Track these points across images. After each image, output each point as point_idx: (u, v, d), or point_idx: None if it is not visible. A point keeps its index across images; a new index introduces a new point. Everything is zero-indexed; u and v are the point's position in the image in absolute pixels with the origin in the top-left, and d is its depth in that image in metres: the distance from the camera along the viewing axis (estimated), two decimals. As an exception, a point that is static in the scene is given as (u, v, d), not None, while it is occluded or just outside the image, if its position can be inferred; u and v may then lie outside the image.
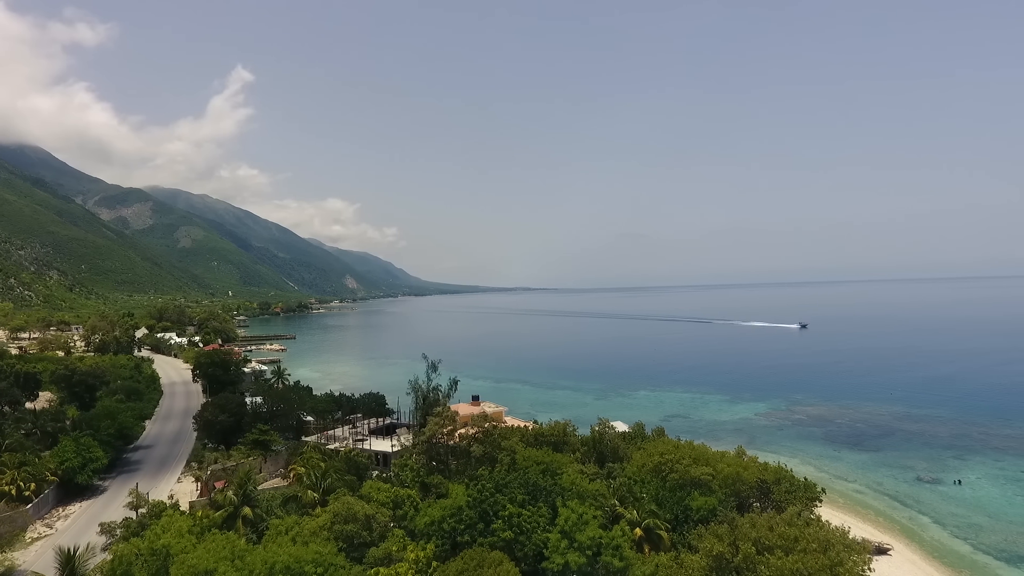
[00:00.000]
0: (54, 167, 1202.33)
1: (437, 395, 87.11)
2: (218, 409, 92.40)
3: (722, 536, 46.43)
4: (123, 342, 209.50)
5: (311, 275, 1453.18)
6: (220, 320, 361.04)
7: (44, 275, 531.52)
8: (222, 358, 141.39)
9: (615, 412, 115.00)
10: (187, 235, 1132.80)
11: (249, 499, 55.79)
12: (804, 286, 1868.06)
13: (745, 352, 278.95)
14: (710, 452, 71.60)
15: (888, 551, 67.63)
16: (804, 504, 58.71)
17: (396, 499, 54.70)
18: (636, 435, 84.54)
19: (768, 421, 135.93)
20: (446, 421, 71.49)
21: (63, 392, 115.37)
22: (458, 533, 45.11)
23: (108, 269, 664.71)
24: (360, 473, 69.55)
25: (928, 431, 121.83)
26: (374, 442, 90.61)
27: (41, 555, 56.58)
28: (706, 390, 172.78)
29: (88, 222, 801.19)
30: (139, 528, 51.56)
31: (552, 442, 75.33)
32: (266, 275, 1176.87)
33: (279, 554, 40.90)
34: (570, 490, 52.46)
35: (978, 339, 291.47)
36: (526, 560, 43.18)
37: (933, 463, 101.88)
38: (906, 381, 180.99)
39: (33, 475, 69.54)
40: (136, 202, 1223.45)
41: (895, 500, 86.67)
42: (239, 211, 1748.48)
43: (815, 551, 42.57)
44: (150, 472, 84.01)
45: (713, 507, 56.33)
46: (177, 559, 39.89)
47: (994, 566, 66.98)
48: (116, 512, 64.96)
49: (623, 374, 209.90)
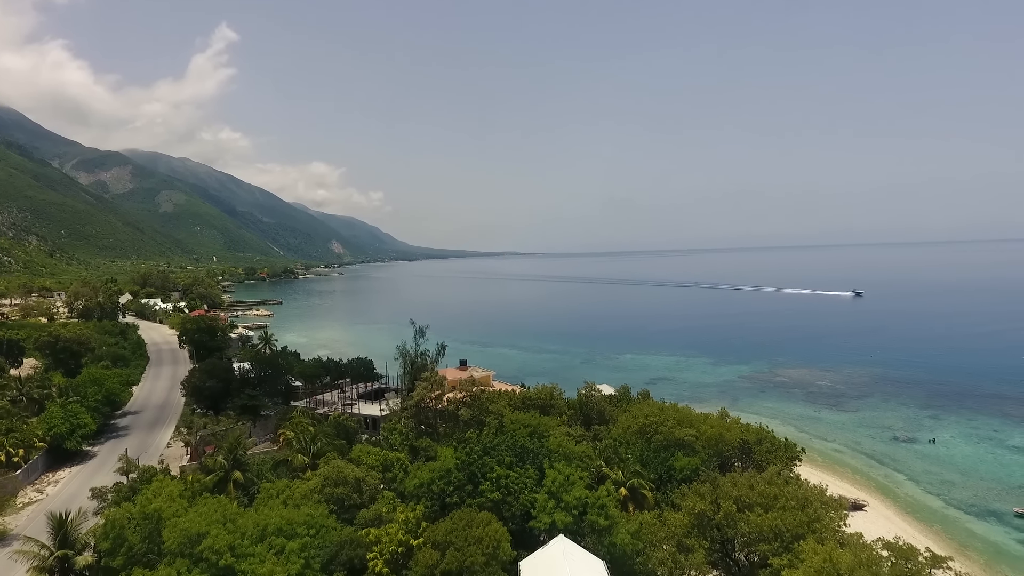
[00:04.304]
0: (28, 129, 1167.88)
1: (425, 360, 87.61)
2: (206, 375, 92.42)
3: (704, 495, 47.74)
4: (107, 308, 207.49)
5: (296, 240, 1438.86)
6: (205, 286, 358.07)
7: (23, 240, 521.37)
8: (208, 324, 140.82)
9: (601, 376, 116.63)
10: (169, 199, 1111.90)
11: (239, 463, 56.23)
12: (806, 250, 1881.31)
13: (733, 316, 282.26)
14: (694, 414, 73.03)
15: (864, 507, 69.97)
16: (784, 463, 60.37)
17: (385, 462, 55.40)
18: (622, 398, 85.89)
19: (751, 383, 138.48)
20: (434, 385, 72.06)
21: (47, 359, 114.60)
22: (447, 495, 45.90)
23: (89, 234, 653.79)
24: (349, 437, 70.18)
25: (906, 392, 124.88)
26: (363, 407, 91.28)
27: (33, 520, 56.97)
28: (691, 353, 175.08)
29: (66, 186, 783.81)
30: (130, 493, 51.89)
31: (539, 405, 76.41)
32: (251, 240, 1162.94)
33: (271, 516, 41.49)
34: (557, 452, 53.40)
35: (960, 302, 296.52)
36: (514, 520, 44.16)
37: (909, 423, 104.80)
38: (886, 344, 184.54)
39: (21, 441, 69.60)
40: (115, 166, 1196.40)
41: (872, 459, 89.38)
42: (221, 175, 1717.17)
43: (793, 508, 43.96)
44: (139, 437, 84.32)
45: (696, 467, 57.71)
46: (169, 523, 40.29)
47: (964, 520, 69.69)
48: (106, 477, 65.37)
49: (610, 338, 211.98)
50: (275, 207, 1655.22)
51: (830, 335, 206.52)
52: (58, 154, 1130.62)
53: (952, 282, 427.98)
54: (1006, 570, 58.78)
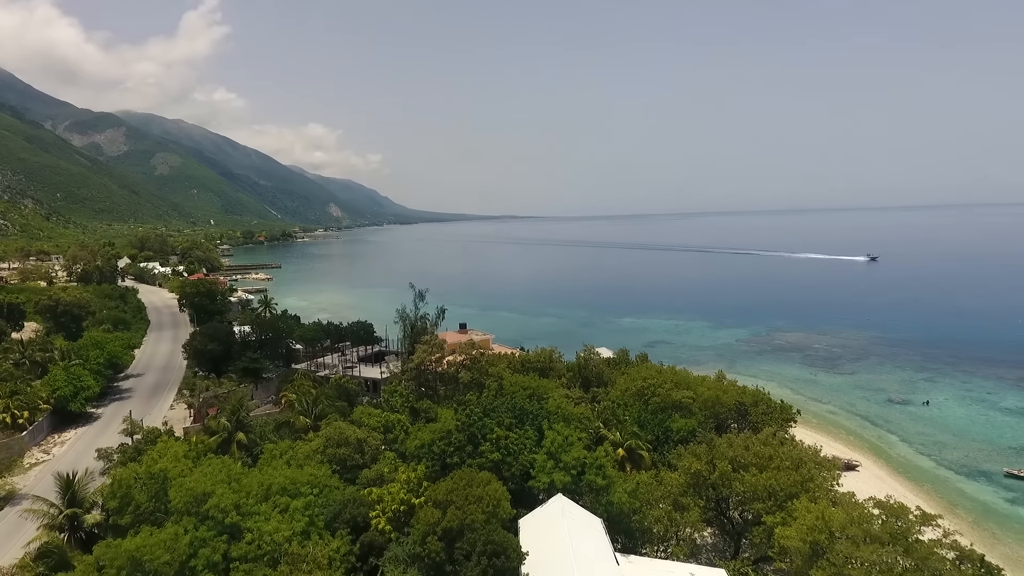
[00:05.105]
0: (19, 90, 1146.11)
1: (425, 323, 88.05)
2: (207, 338, 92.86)
3: (700, 455, 48.57)
4: (106, 272, 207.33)
5: (294, 203, 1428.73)
6: (203, 249, 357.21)
7: (18, 204, 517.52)
8: (208, 288, 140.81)
9: (600, 339, 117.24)
10: (164, 162, 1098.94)
11: (242, 425, 57.05)
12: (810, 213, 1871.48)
13: (733, 281, 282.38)
14: (691, 376, 73.79)
15: (857, 467, 71.28)
16: (779, 425, 61.24)
17: (387, 424, 56.10)
18: (620, 361, 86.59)
19: (748, 347, 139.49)
20: (434, 349, 72.58)
21: (48, 323, 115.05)
22: (447, 455, 46.57)
23: (84, 197, 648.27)
24: (350, 399, 70.90)
25: (902, 355, 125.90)
26: (363, 369, 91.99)
27: (41, 480, 58.03)
28: (691, 317, 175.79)
29: (60, 148, 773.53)
30: (135, 453, 52.64)
31: (538, 368, 77.02)
32: (248, 203, 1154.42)
33: (275, 476, 42.26)
34: (556, 414, 54.01)
35: (957, 267, 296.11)
36: (513, 479, 44.94)
37: (904, 385, 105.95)
38: (893, 308, 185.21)
39: (26, 403, 70.34)
40: (108, 127, 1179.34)
41: (866, 420, 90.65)
42: (217, 137, 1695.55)
43: (788, 468, 44.80)
44: (142, 400, 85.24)
45: (692, 428, 58.56)
46: (175, 482, 41.01)
47: (954, 480, 71.08)
48: (111, 438, 66.25)
49: (609, 303, 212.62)
50: (272, 170, 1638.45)
51: (836, 299, 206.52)
52: (50, 115, 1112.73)
53: (972, 248, 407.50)
54: (993, 528, 60.21)
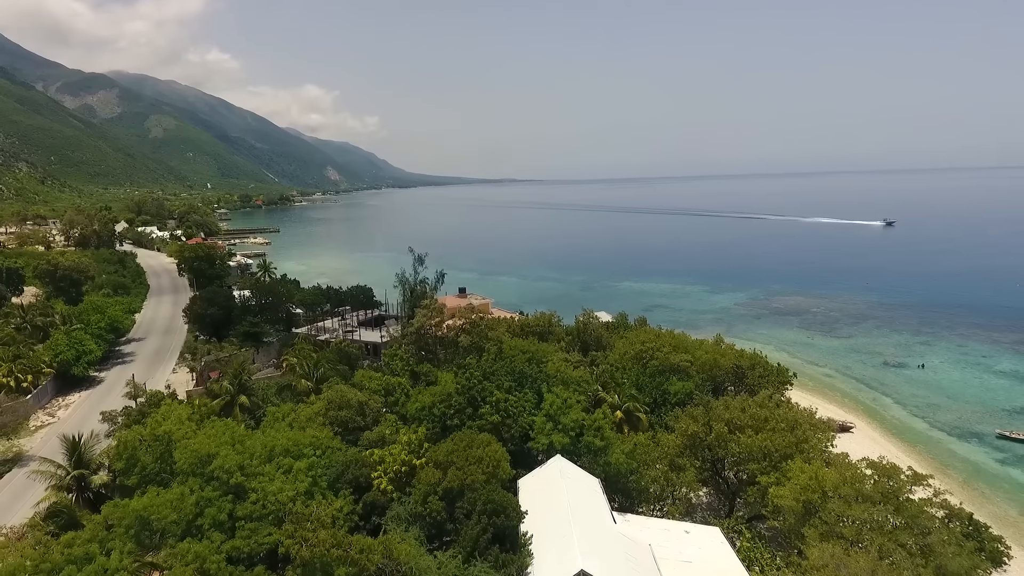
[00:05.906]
0: (8, 50, 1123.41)
1: (424, 287, 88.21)
2: (207, 302, 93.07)
3: (697, 417, 49.27)
4: (104, 236, 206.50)
5: (291, 166, 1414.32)
6: (201, 213, 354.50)
7: (13, 167, 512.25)
8: (207, 252, 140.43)
9: (599, 303, 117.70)
10: (158, 124, 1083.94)
11: (245, 388, 57.59)
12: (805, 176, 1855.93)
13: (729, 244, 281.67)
14: (689, 340, 74.26)
15: (851, 429, 72.37)
16: (776, 388, 61.91)
17: (387, 387, 56.64)
18: (619, 325, 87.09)
19: (747, 310, 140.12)
20: (434, 313, 72.84)
21: (48, 287, 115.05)
22: (448, 418, 47.25)
23: (79, 160, 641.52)
24: (351, 363, 71.43)
25: (899, 319, 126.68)
26: (363, 333, 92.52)
27: (47, 442, 58.86)
28: (690, 282, 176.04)
29: (52, 111, 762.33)
30: (140, 416, 53.29)
31: (537, 332, 77.51)
32: (244, 167, 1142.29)
33: (278, 438, 42.90)
34: (555, 377, 54.63)
35: (975, 232, 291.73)
36: (513, 441, 45.68)
37: (900, 349, 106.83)
38: (881, 270, 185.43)
39: (29, 367, 70.85)
40: (101, 88, 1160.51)
41: (861, 383, 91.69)
42: (211, 99, 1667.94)
43: (783, 430, 45.51)
44: (145, 363, 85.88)
45: (690, 391, 59.26)
46: (180, 444, 41.64)
47: (946, 441, 72.30)
48: (115, 402, 66.88)
49: (609, 267, 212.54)
50: (268, 132, 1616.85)
51: (840, 265, 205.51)
52: (41, 76, 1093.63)
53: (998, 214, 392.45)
54: (983, 487, 61.48)
